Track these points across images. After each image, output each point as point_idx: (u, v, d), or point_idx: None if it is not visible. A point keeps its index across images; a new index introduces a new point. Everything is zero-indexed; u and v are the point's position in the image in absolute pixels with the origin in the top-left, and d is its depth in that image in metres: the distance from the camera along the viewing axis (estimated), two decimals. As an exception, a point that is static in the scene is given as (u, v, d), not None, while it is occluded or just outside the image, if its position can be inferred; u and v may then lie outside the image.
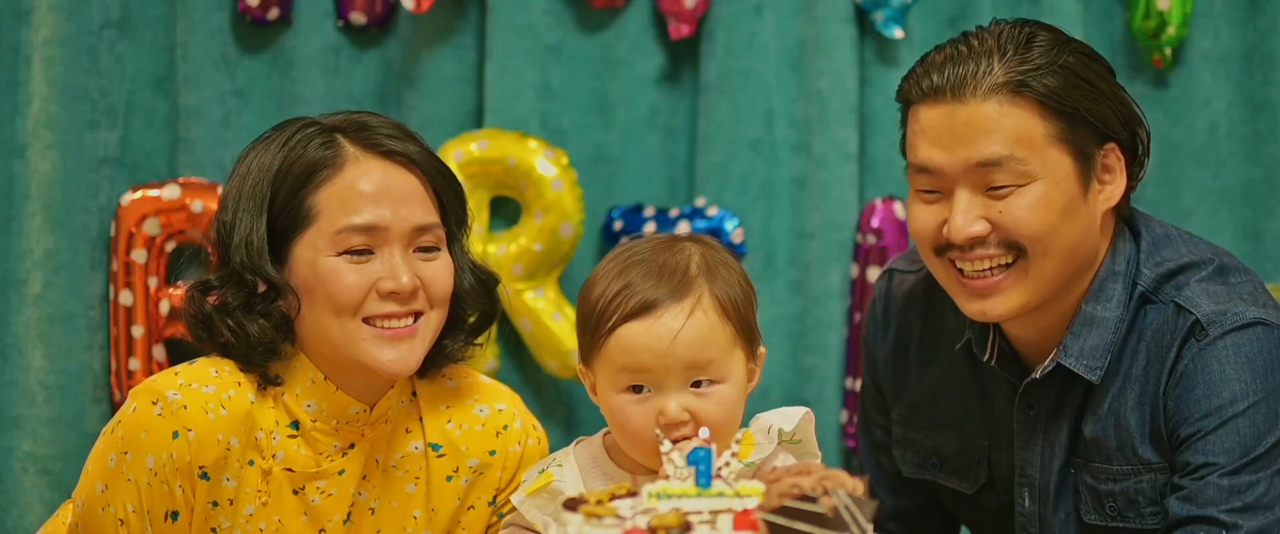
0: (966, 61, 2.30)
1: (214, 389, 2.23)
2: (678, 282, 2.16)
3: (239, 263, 2.25)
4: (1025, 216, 2.29)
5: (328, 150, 2.26)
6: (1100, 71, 2.35)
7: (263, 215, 2.25)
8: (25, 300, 2.97)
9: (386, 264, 2.25)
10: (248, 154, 2.31)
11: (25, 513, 3.00)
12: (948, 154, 2.30)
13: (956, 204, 2.31)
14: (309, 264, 2.25)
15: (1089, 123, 2.31)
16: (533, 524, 2.23)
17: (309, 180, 2.25)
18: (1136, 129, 2.37)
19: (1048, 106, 2.28)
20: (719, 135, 3.13)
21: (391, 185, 2.27)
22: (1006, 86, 2.28)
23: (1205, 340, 2.30)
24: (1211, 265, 2.39)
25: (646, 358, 2.14)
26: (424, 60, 3.13)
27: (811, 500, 1.73)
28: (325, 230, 2.24)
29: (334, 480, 2.29)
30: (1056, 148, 2.30)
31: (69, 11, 2.95)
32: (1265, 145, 3.22)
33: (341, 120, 2.31)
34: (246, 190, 2.27)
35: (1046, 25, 2.38)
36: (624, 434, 2.18)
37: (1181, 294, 2.34)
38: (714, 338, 2.16)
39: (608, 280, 2.18)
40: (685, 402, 2.15)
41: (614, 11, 3.15)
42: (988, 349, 2.41)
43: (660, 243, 2.23)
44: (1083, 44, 2.38)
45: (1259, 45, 3.21)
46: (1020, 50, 2.31)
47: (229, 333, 2.25)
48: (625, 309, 2.15)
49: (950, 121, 2.30)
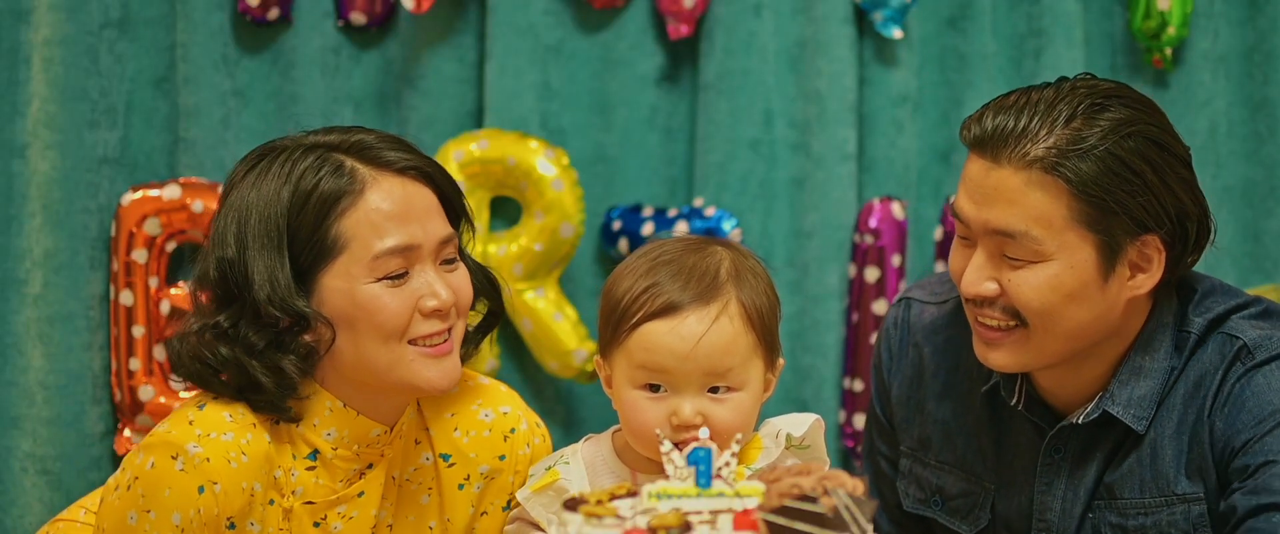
0: (1022, 116, 2.25)
1: (232, 436, 2.18)
2: (706, 286, 2.16)
3: (265, 301, 2.18)
4: (1030, 294, 2.27)
5: (343, 177, 2.20)
6: (1160, 160, 2.27)
7: (282, 252, 2.19)
8: (25, 300, 2.97)
9: (424, 283, 2.21)
10: (237, 187, 2.23)
11: (25, 513, 2.99)
12: (974, 210, 2.28)
13: (973, 260, 2.30)
14: (344, 294, 2.20)
15: (1124, 214, 2.25)
16: (538, 521, 2.23)
17: (331, 210, 2.19)
18: (1187, 223, 2.30)
19: (1077, 192, 2.23)
20: (718, 135, 3.13)
21: (413, 202, 2.23)
22: (1041, 163, 2.23)
23: (1251, 363, 2.30)
24: (1258, 306, 2.38)
25: (667, 359, 2.14)
26: (424, 60, 3.13)
27: (811, 500, 1.73)
28: (359, 258, 2.19)
29: (354, 503, 2.27)
30: (1079, 232, 2.25)
31: (69, 11, 2.95)
32: (1265, 145, 3.22)
33: (337, 140, 2.25)
34: (254, 228, 2.19)
35: (1132, 96, 2.31)
36: (634, 430, 2.18)
37: (1226, 326, 2.34)
38: (736, 346, 2.15)
39: (635, 276, 2.18)
40: (700, 406, 2.15)
41: (614, 11, 3.15)
42: (1016, 394, 2.39)
43: (690, 244, 2.22)
44: (1155, 127, 2.30)
45: (1259, 45, 3.21)
46: (1081, 122, 2.24)
47: (264, 376, 2.19)
48: (651, 308, 2.14)
49: (983, 180, 2.27)
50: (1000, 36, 3.20)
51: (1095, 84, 2.31)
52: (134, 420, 3.01)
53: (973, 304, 2.32)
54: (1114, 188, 2.23)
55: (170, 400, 3.01)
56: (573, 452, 2.27)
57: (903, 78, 3.15)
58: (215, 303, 2.23)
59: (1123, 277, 2.29)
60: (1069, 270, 2.26)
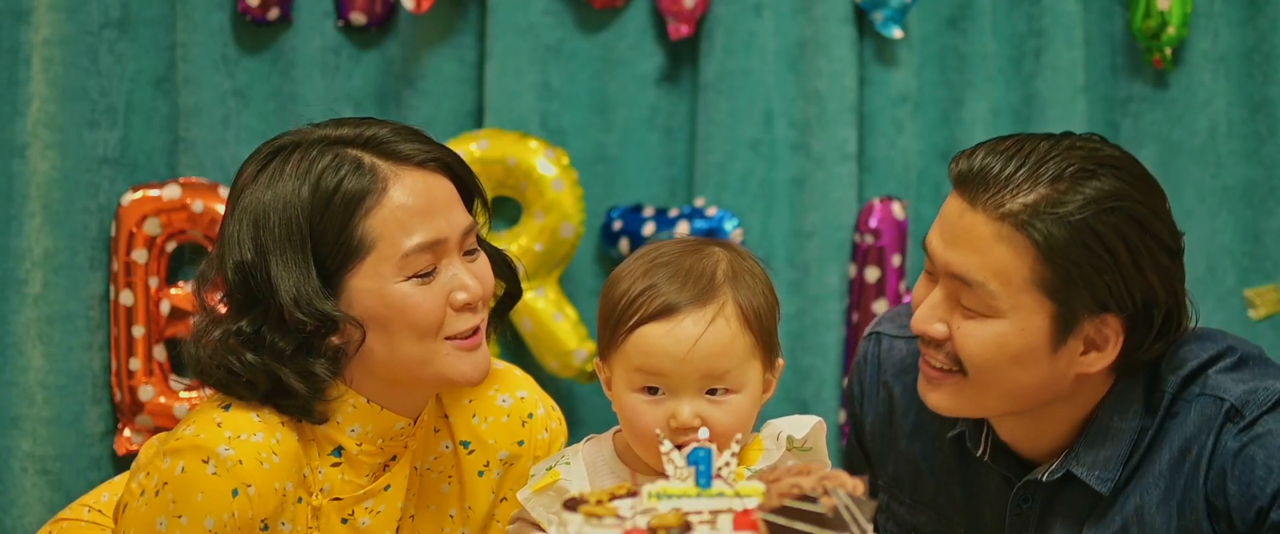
0: (1010, 163, 2.15)
1: (263, 436, 2.15)
2: (702, 287, 2.15)
3: (291, 306, 2.12)
4: (974, 347, 2.18)
5: (365, 175, 2.16)
6: (1138, 242, 2.16)
7: (307, 255, 2.13)
8: (25, 300, 2.97)
9: (452, 277, 2.19)
10: (250, 188, 2.17)
11: (25, 513, 3.00)
12: (941, 249, 2.20)
13: (929, 298, 2.23)
14: (374, 294, 2.15)
15: (1085, 288, 2.14)
16: (538, 521, 2.23)
17: (355, 210, 2.14)
18: (1154, 310, 2.18)
19: (1043, 255, 2.13)
20: (718, 135, 3.13)
21: (435, 195, 2.19)
22: (1012, 218, 2.14)
23: (1243, 423, 2.20)
24: (1232, 356, 2.27)
25: (664, 361, 2.13)
26: (424, 60, 3.13)
27: (811, 500, 1.73)
28: (388, 257, 2.15)
29: (381, 497, 2.25)
30: (1037, 296, 2.15)
31: (69, 11, 2.95)
32: (1265, 145, 3.22)
33: (351, 134, 2.20)
34: (275, 231, 2.13)
35: (1130, 169, 2.19)
36: (634, 433, 2.18)
37: (1208, 386, 2.23)
38: (734, 347, 2.14)
39: (632, 278, 2.17)
40: (698, 408, 2.14)
41: (614, 11, 3.15)
42: (981, 444, 2.31)
43: (688, 245, 2.22)
44: (1144, 206, 2.17)
45: (1259, 45, 3.21)
46: (1067, 184, 2.13)
47: (295, 380, 2.14)
48: (647, 310, 2.14)
49: (956, 220, 2.19)
50: (1000, 36, 3.20)
51: (1096, 148, 2.20)
52: (134, 420, 3.01)
53: (920, 340, 2.25)
54: (1081, 260, 2.13)
55: (170, 400, 3.01)
56: (573, 452, 2.26)
57: (903, 78, 3.15)
58: (235, 308, 2.17)
59: (1074, 350, 2.18)
60: (1019, 332, 2.16)
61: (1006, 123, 3.21)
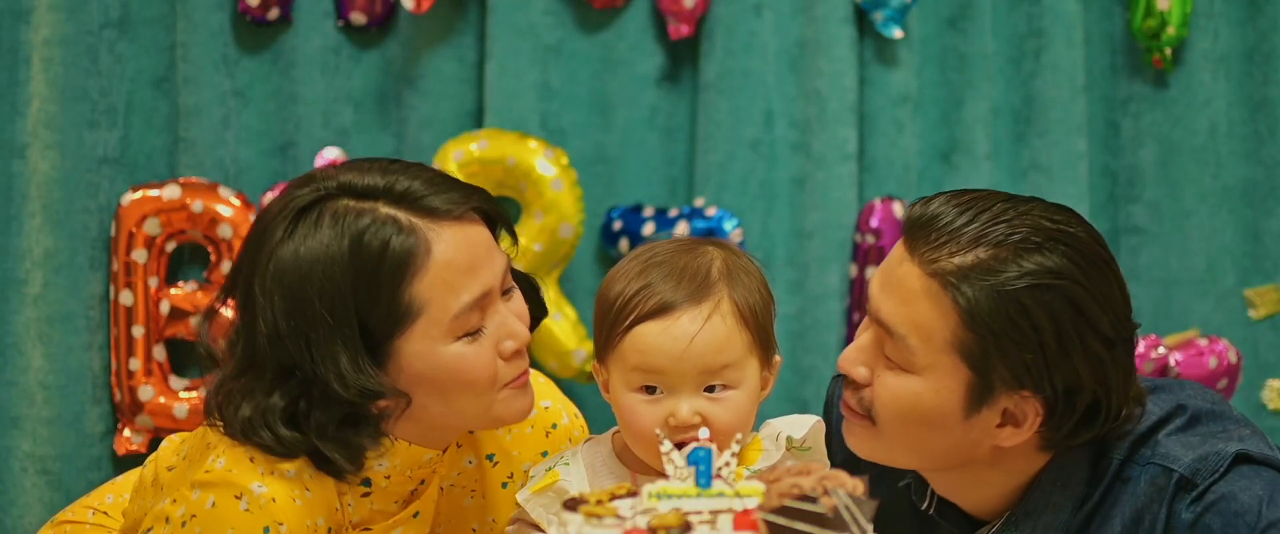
0: (961, 216, 2.05)
1: (295, 472, 2.06)
2: (698, 285, 2.15)
3: (338, 383, 2.01)
4: (887, 399, 2.09)
5: (408, 236, 2.03)
6: (1069, 327, 2.03)
7: (353, 326, 2.02)
8: (25, 300, 2.97)
9: (499, 325, 2.11)
10: (276, 249, 2.03)
11: (25, 513, 3.00)
12: (876, 293, 2.11)
13: (858, 340, 2.14)
14: (425, 359, 2.06)
15: (1003, 363, 2.03)
16: (538, 522, 2.23)
17: (402, 275, 2.03)
18: (1076, 399, 2.05)
19: (965, 320, 2.02)
20: (718, 135, 3.13)
21: (475, 247, 2.09)
22: (942, 276, 2.03)
23: (1195, 493, 2.08)
24: (1182, 415, 2.15)
25: (661, 359, 2.13)
26: (424, 60, 3.13)
27: (811, 500, 1.73)
28: (437, 320, 2.05)
29: (410, 525, 2.21)
30: (955, 358, 2.04)
31: (69, 11, 2.95)
32: (1265, 145, 3.22)
33: (377, 184, 2.06)
34: (312, 303, 2.01)
35: (1085, 251, 2.06)
36: (633, 434, 2.18)
37: (1157, 453, 2.11)
38: (730, 344, 2.14)
39: (627, 279, 2.17)
40: (697, 406, 2.14)
41: (614, 11, 3.15)
42: (926, 498, 2.22)
43: (682, 245, 2.22)
44: (1087, 292, 2.04)
45: (1259, 45, 3.21)
46: (1009, 252, 2.03)
47: (338, 453, 2.05)
48: (643, 309, 2.14)
49: (894, 267, 2.09)
50: (1000, 36, 3.20)
51: (1056, 222, 2.07)
52: (134, 420, 3.01)
53: (845, 379, 2.16)
54: (1002, 332, 2.01)
55: (170, 400, 3.01)
56: (573, 453, 2.26)
57: (903, 78, 3.15)
58: (266, 380, 2.05)
59: (989, 421, 2.07)
60: (932, 393, 2.06)
61: (1006, 123, 3.21)
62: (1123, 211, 3.28)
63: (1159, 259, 3.26)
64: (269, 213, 2.08)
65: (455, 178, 2.14)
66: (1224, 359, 3.09)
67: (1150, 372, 3.03)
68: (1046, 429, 2.08)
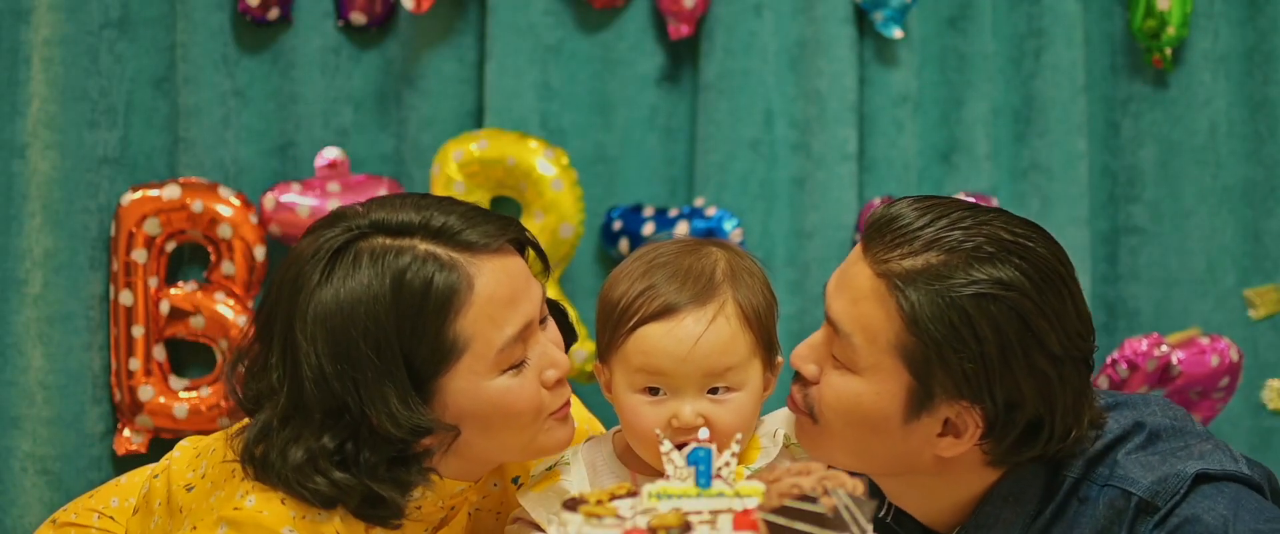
0: (921, 219, 2.04)
1: (325, 515, 2.04)
2: (702, 287, 2.15)
3: (388, 423, 2.00)
4: (830, 399, 2.08)
5: (450, 272, 2.02)
6: (1014, 340, 2.00)
7: (399, 366, 2.00)
8: (25, 300, 2.97)
9: (540, 355, 2.10)
10: (314, 294, 2.00)
11: (25, 513, 2.99)
12: (831, 289, 2.10)
13: (812, 337, 2.14)
14: (470, 395, 2.05)
15: (944, 371, 2.00)
16: (538, 521, 2.23)
17: (446, 312, 2.01)
18: (1016, 414, 2.02)
19: (908, 325, 2.00)
20: (718, 135, 3.13)
21: (515, 278, 2.08)
22: (889, 278, 2.02)
23: (1157, 516, 2.05)
24: (1140, 433, 2.11)
25: (665, 361, 2.13)
26: (424, 60, 3.13)
27: (811, 500, 1.73)
28: (483, 355, 2.04)
29: None
30: (897, 363, 2.03)
31: (69, 11, 2.95)
32: (1265, 145, 3.22)
33: (413, 221, 2.04)
34: (357, 345, 1.99)
35: (1042, 267, 2.03)
36: (635, 434, 2.18)
37: (1115, 474, 2.08)
38: (734, 346, 2.15)
39: (631, 280, 2.17)
40: (700, 407, 2.14)
41: (614, 11, 3.15)
42: (882, 506, 2.21)
43: (685, 246, 2.22)
44: (1037, 308, 2.01)
45: (1259, 45, 3.21)
46: (960, 259, 2.00)
47: (389, 491, 2.03)
48: (647, 310, 2.14)
49: (849, 265, 2.09)
50: (1000, 36, 3.20)
51: (1017, 235, 2.04)
52: (134, 420, 3.01)
53: (794, 375, 2.17)
54: (944, 340, 1.99)
55: (170, 400, 3.01)
56: (573, 452, 2.26)
57: (903, 78, 3.15)
58: (313, 423, 2.02)
59: (929, 429, 2.05)
60: (873, 395, 2.05)
61: (1006, 122, 3.21)
62: (1123, 211, 3.28)
63: (1159, 259, 3.25)
64: (301, 256, 2.05)
65: (487, 210, 2.12)
66: (1226, 358, 3.09)
67: (1153, 370, 3.03)
68: (987, 443, 2.05)
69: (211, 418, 3.01)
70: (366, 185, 3.05)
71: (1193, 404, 3.11)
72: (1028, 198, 3.20)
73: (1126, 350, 3.03)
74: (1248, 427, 3.25)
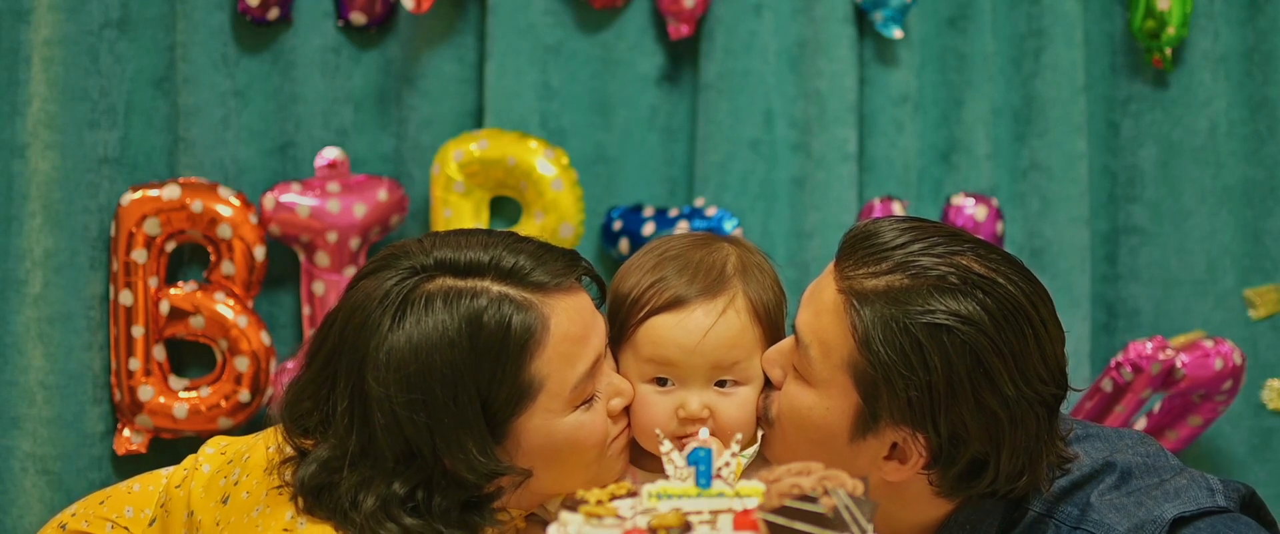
0: (897, 239, 2.03)
1: None
2: (712, 280, 2.17)
3: (465, 469, 1.98)
4: (785, 407, 2.10)
5: (526, 313, 2.00)
6: (964, 376, 1.97)
7: (476, 411, 1.98)
8: (25, 300, 2.97)
9: (608, 385, 2.10)
10: (385, 339, 1.97)
11: (25, 513, 2.99)
12: (804, 298, 2.11)
13: (782, 343, 2.14)
14: (544, 433, 2.04)
15: (890, 397, 1.99)
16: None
17: (524, 354, 1.99)
18: (959, 450, 2.00)
19: (859, 344, 2.00)
20: (718, 135, 3.13)
21: (584, 314, 2.07)
22: (848, 294, 2.01)
23: None
24: (1112, 473, 2.09)
25: (674, 352, 2.15)
26: (424, 60, 3.13)
27: (811, 500, 1.73)
28: (557, 394, 2.03)
29: None
30: (848, 379, 2.02)
31: (69, 11, 2.95)
32: (1265, 145, 3.22)
33: (480, 260, 2.02)
34: (433, 392, 1.96)
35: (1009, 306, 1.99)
36: (641, 425, 2.19)
37: (1089, 518, 2.06)
38: (743, 339, 2.17)
39: (642, 272, 2.19)
40: (707, 399, 2.16)
41: (614, 11, 3.15)
42: None
43: (696, 240, 2.24)
44: (993, 348, 1.97)
45: (1259, 45, 3.21)
46: (924, 285, 1.98)
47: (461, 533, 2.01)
48: (658, 302, 2.16)
49: (823, 276, 2.09)
50: (1000, 36, 3.20)
51: (990, 269, 2.01)
52: (134, 420, 3.01)
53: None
54: (892, 365, 1.97)
55: (170, 400, 3.01)
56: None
57: (903, 78, 3.15)
58: (389, 470, 2.00)
59: (875, 451, 2.04)
60: (823, 410, 2.04)
61: (1006, 123, 3.21)
62: (1122, 211, 3.28)
63: (1159, 259, 3.25)
64: (367, 298, 2.02)
65: (550, 244, 2.10)
66: (1229, 361, 3.09)
67: (1157, 373, 3.03)
68: (932, 473, 2.04)
69: (211, 418, 3.01)
70: (366, 185, 3.05)
71: (1195, 407, 3.11)
72: (1028, 198, 3.20)
73: (1131, 353, 3.03)
74: (1248, 427, 3.25)
